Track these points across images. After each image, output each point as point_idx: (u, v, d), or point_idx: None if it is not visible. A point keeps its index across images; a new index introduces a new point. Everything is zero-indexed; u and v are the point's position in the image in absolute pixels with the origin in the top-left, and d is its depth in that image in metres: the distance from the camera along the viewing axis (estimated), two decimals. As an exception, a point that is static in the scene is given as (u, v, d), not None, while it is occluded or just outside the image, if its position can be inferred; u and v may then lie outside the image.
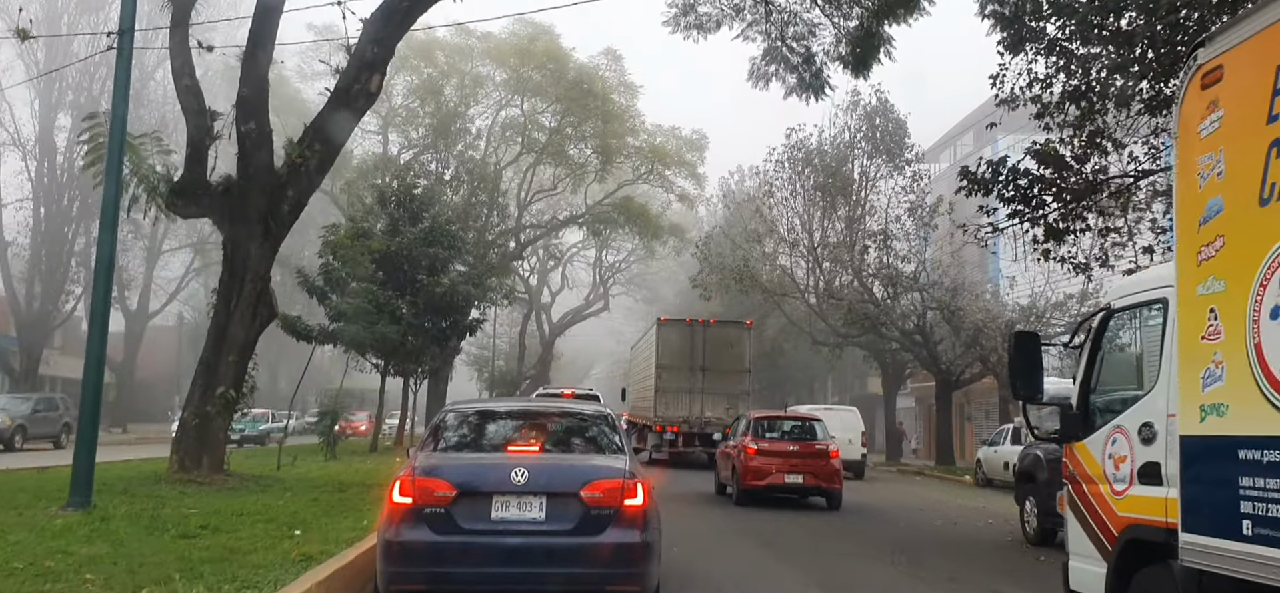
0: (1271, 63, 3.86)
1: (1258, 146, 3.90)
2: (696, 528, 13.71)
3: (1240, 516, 3.92)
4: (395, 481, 6.63)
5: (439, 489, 6.38)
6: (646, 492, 6.64)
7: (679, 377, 26.98)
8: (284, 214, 15.93)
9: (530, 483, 6.43)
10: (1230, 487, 3.97)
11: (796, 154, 31.05)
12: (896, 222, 28.83)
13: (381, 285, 30.42)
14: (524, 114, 42.10)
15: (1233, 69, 4.19)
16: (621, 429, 7.85)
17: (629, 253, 64.56)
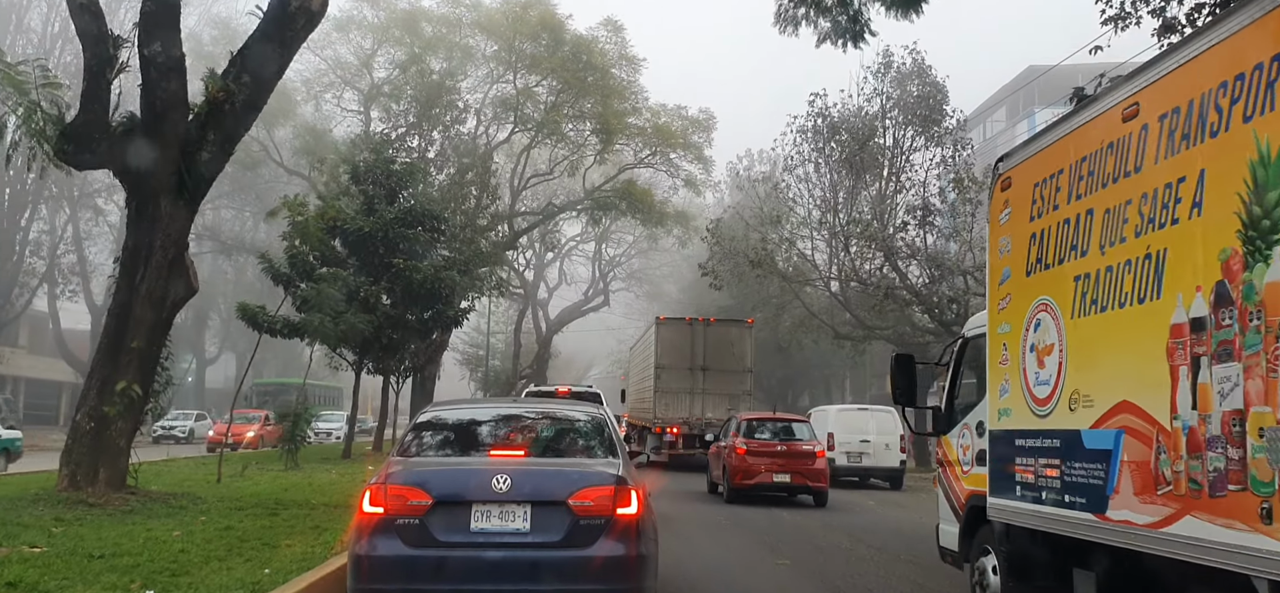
0: (1031, 182, 6.28)
1: (1026, 235, 6.30)
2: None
3: (1016, 483, 6.34)
4: (365, 489, 6.20)
5: (413, 498, 6.00)
6: (641, 499, 6.20)
7: (678, 377, 26.53)
8: (203, 163, 12.63)
9: (514, 491, 6.01)
10: (1011, 464, 6.42)
11: (820, 122, 27.61)
12: (938, 195, 25.38)
13: (356, 271, 27.10)
14: (517, 90, 38.66)
15: (1016, 181, 6.60)
16: (616, 431, 7.34)
17: (630, 245, 61.34)
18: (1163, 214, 4.85)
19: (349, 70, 39.82)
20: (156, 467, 20.36)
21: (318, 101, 41.66)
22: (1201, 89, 4.61)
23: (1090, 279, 5.49)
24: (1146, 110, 5.03)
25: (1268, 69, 4.13)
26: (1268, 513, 4.05)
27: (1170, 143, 4.85)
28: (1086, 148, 5.59)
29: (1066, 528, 5.76)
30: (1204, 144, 4.58)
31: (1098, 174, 5.48)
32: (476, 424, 7.40)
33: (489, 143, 39.88)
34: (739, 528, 13.81)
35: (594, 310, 62.03)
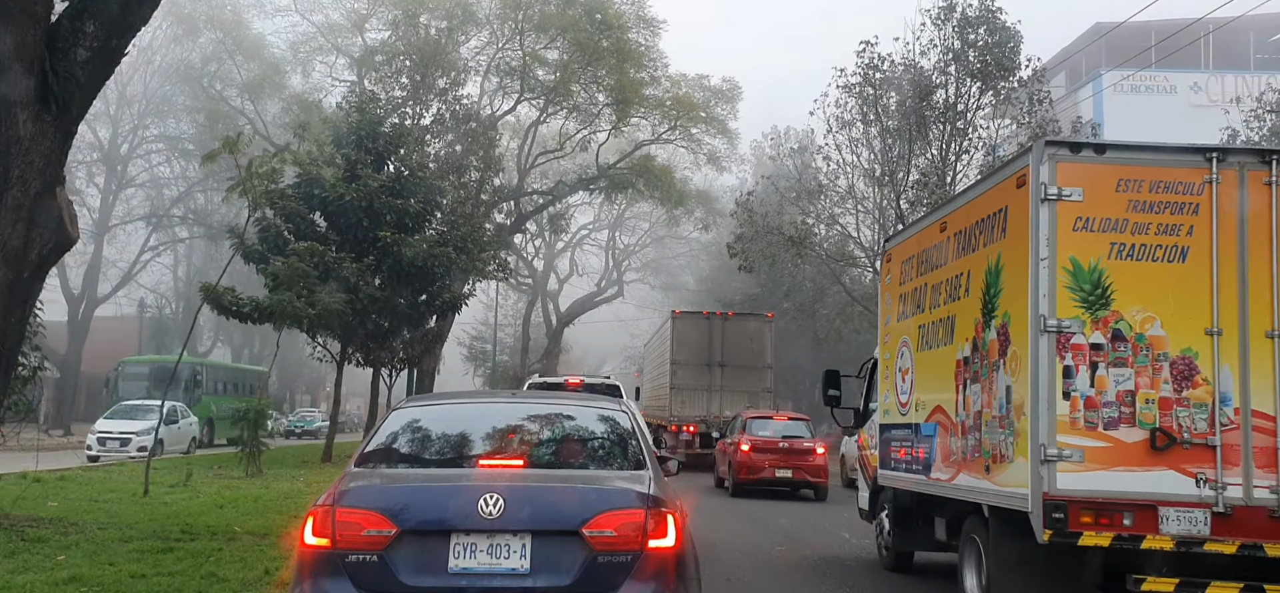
0: (900, 260, 9.27)
1: (897, 295, 9.35)
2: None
3: (893, 459, 9.23)
4: (308, 514, 4.68)
5: (371, 526, 4.53)
6: (681, 527, 4.73)
7: (695, 374, 25.77)
8: (78, 64, 9.12)
9: (508, 516, 4.57)
10: (890, 447, 9.34)
11: (872, 75, 23.85)
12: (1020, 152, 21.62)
13: (336, 247, 23.58)
14: (523, 52, 34.97)
15: (894, 257, 9.58)
16: (644, 433, 5.81)
17: (646, 232, 57.76)
18: (953, 293, 7.93)
19: (339, 33, 36.26)
20: (76, 474, 17.01)
21: (305, 68, 38.14)
22: (973, 220, 7.54)
23: (925, 328, 8.61)
24: (949, 228, 8.09)
25: (996, 217, 7.05)
26: (987, 468, 7.00)
27: (958, 250, 7.85)
28: (925, 244, 8.69)
29: (914, 486, 8.84)
30: (972, 255, 7.52)
31: (929, 262, 8.57)
32: (463, 425, 5.79)
33: (493, 113, 36.22)
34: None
35: (607, 301, 58.47)
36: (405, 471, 5.27)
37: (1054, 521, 6.10)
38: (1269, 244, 6.24)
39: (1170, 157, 6.53)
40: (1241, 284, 6.25)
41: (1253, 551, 6.05)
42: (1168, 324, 6.23)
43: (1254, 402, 6.17)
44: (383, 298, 23.81)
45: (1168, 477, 6.13)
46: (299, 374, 72.04)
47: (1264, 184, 6.32)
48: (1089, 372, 6.20)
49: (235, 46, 38.77)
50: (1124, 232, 6.29)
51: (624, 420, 5.74)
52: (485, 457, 5.33)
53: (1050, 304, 6.24)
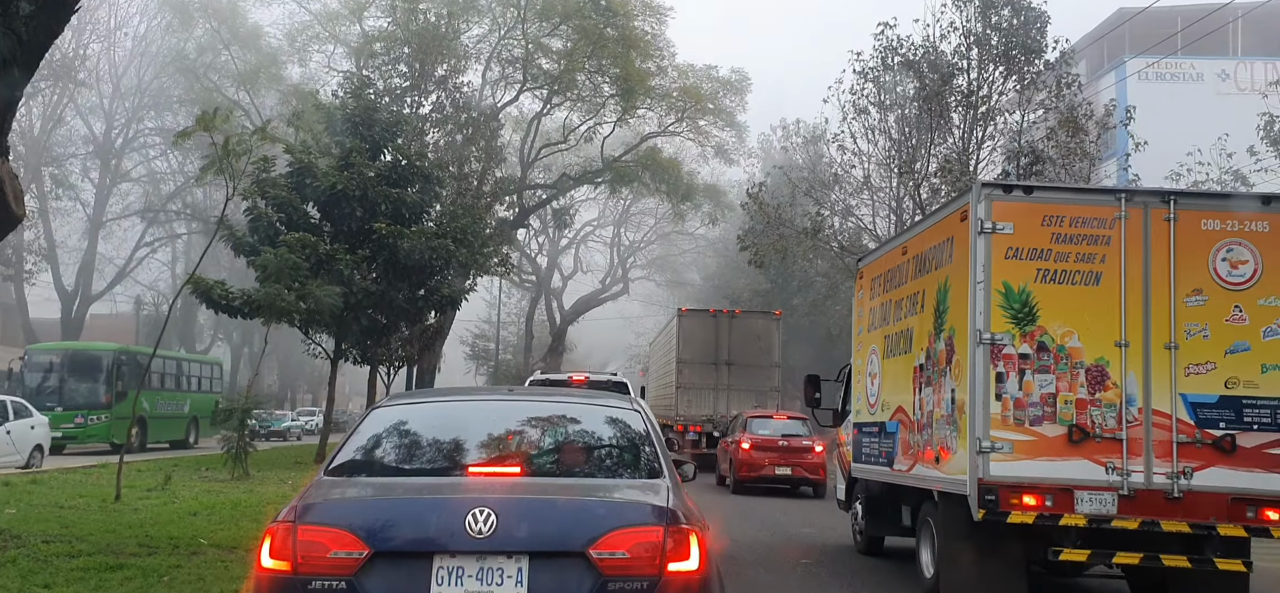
0: (871, 277, 10.39)
1: (867, 308, 10.51)
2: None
3: (864, 454, 10.23)
4: (265, 533, 4.05)
5: (338, 546, 3.90)
6: (705, 548, 4.05)
7: (702, 372, 25.37)
8: (20, 19, 8.07)
9: (501, 534, 3.91)
10: (862, 443, 10.36)
11: (891, 58, 22.75)
12: (1047, 139, 20.42)
13: (330, 238, 22.60)
14: (526, 41, 33.90)
15: (865, 274, 10.75)
16: (659, 437, 5.02)
17: (651, 228, 56.73)
18: (912, 308, 9.01)
19: (337, 22, 35.24)
20: (49, 477, 16.02)
21: (303, 58, 37.13)
22: (927, 246, 8.67)
23: (890, 338, 9.68)
24: (909, 252, 9.21)
25: (945, 245, 8.12)
26: (937, 459, 8.04)
27: (916, 272, 8.95)
28: (890, 265, 9.82)
29: (881, 477, 9.89)
30: (926, 276, 8.61)
31: (893, 281, 9.68)
32: (451, 427, 5.09)
33: (494, 103, 35.15)
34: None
35: (612, 299, 57.43)
36: (382, 480, 4.58)
37: (987, 502, 7.21)
38: (1167, 270, 7.34)
39: (1086, 197, 8.08)
40: (1145, 304, 7.36)
41: (1151, 526, 7.13)
42: (1084, 337, 7.33)
43: (1154, 402, 7.27)
44: (379, 292, 22.81)
45: (1082, 465, 7.22)
46: (300, 372, 71.10)
47: (1164, 220, 7.43)
48: (1018, 377, 7.31)
49: (231, 37, 37.79)
50: (1048, 259, 7.41)
51: (636, 422, 5.01)
52: (476, 464, 4.63)
53: (985, 320, 7.35)
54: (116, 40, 41.78)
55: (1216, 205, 7.73)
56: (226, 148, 11.44)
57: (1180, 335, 7.26)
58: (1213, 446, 7.16)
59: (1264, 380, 7.17)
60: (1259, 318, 7.22)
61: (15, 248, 40.46)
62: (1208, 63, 32.78)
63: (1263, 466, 7.10)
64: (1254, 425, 7.16)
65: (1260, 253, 7.28)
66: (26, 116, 40.44)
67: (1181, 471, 7.14)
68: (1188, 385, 7.23)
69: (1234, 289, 7.29)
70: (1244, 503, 7.06)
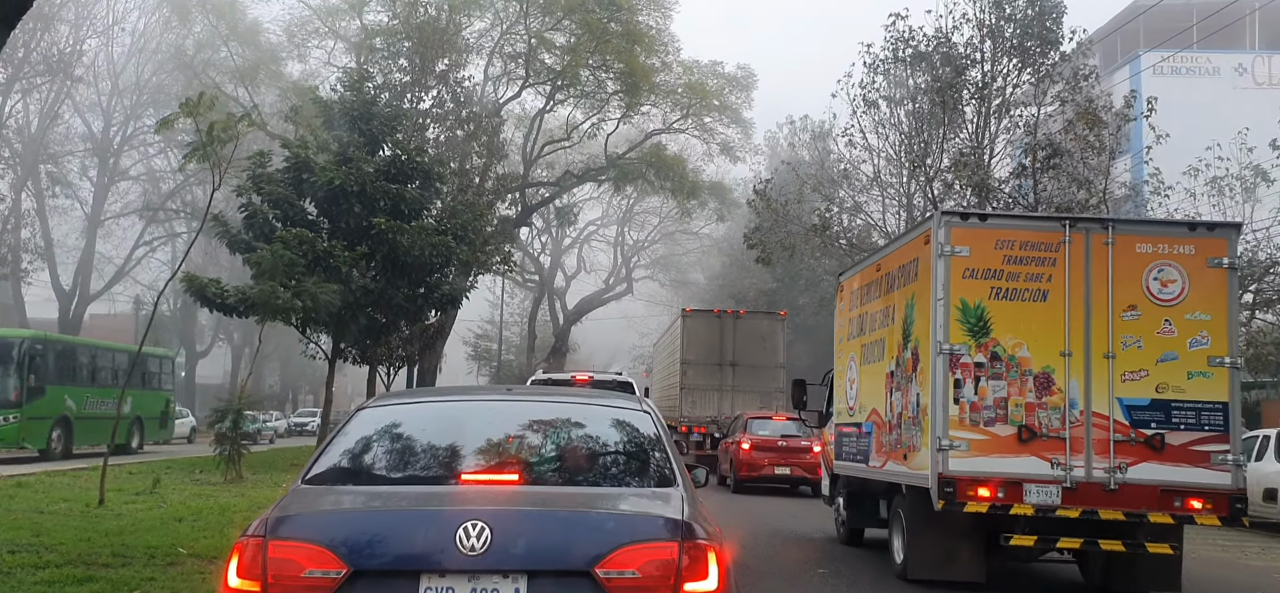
0: (851, 290, 11.28)
1: (847, 319, 11.37)
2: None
3: (845, 452, 11.19)
4: (233, 550, 3.70)
5: (314, 564, 3.51)
6: (724, 567, 3.66)
7: (706, 373, 25.19)
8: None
9: (496, 551, 3.51)
10: (843, 442, 11.34)
11: (903, 50, 22.16)
12: (1065, 131, 19.84)
13: (328, 235, 22.08)
14: (529, 35, 33.34)
15: (845, 287, 11.61)
16: (670, 441, 4.55)
17: (656, 227, 56.22)
18: (884, 320, 9.91)
19: (337, 16, 34.71)
20: (35, 480, 15.51)
21: (302, 53, 36.59)
22: (897, 265, 9.59)
23: (866, 347, 10.60)
24: (882, 269, 10.17)
25: (912, 265, 9.06)
26: (905, 456, 8.97)
27: (887, 288, 9.90)
28: (867, 280, 10.75)
29: (859, 473, 10.75)
30: (896, 291, 9.53)
31: (869, 295, 10.59)
32: (442, 430, 4.61)
33: (496, 100, 34.60)
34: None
35: (615, 299, 56.95)
36: (366, 490, 4.20)
37: (946, 493, 8.12)
38: (1106, 288, 8.28)
39: (1035, 223, 9.46)
40: (1086, 318, 8.29)
41: (1091, 515, 8.08)
42: (1032, 348, 8.27)
43: (1094, 405, 8.18)
44: (377, 290, 22.28)
45: (1030, 462, 8.16)
46: (302, 373, 70.62)
47: (1103, 244, 8.38)
48: (973, 383, 8.24)
49: (230, 33, 37.25)
50: (1000, 279, 8.37)
51: (645, 424, 4.62)
52: (469, 472, 4.22)
53: (945, 333, 8.29)
54: (114, 36, 41.34)
55: (1148, 231, 8.89)
56: (210, 133, 10.90)
57: (1117, 346, 8.24)
58: (1145, 444, 8.16)
59: (1190, 386, 8.16)
60: (1186, 331, 8.21)
61: (11, 247, 40.02)
62: (1224, 57, 32.16)
63: (1188, 461, 8.12)
64: (1181, 426, 8.16)
65: (1187, 273, 8.25)
66: (23, 113, 40.02)
67: (1117, 466, 8.13)
68: (1124, 390, 8.21)
69: (1164, 305, 8.27)
70: (1172, 494, 8.07)
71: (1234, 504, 8.11)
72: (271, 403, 64.04)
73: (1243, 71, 32.27)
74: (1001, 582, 9.31)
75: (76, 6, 39.25)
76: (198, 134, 11.21)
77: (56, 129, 41.08)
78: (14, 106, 39.28)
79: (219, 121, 10.98)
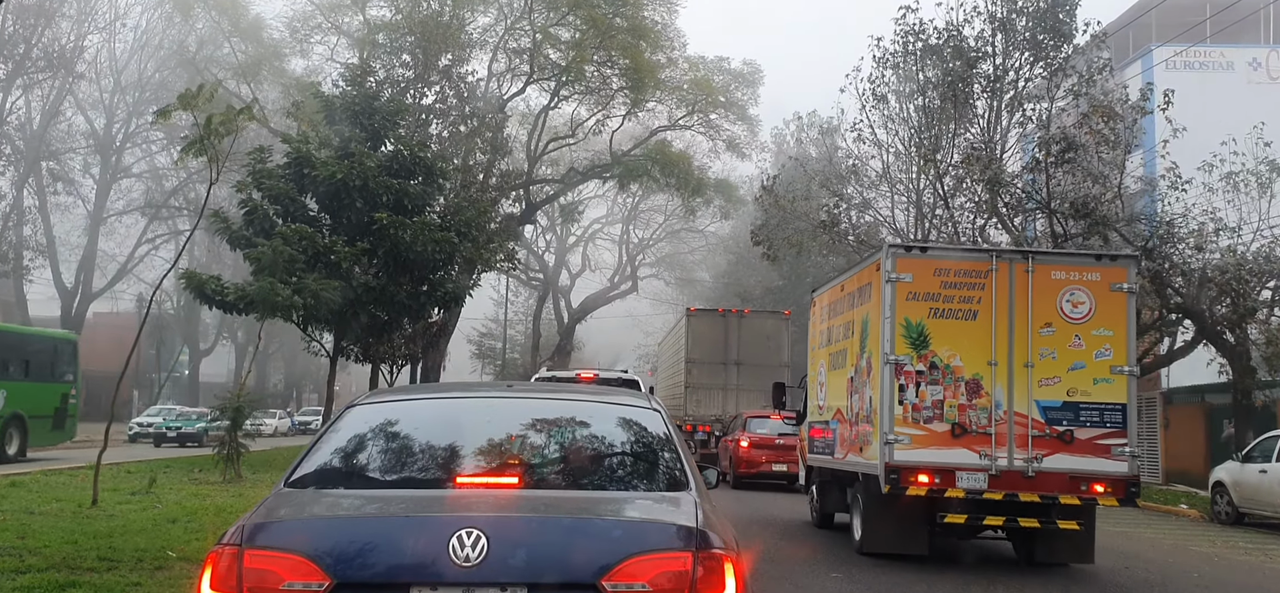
0: (822, 305, 12.78)
1: (819, 330, 12.90)
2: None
3: (816, 446, 12.89)
4: (207, 560, 3.38)
5: (294, 576, 3.22)
6: (740, 579, 3.39)
7: (710, 372, 25.35)
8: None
9: (493, 562, 3.22)
10: (813, 438, 13.07)
11: (913, 43, 21.78)
12: (1080, 125, 19.44)
13: (329, 231, 21.80)
14: (533, 31, 33.00)
15: (816, 302, 13.11)
16: (681, 442, 4.27)
17: (661, 226, 55.87)
18: (846, 333, 11.35)
19: (340, 11, 34.39)
20: (30, 479, 15.23)
21: (305, 49, 36.28)
22: (856, 287, 11.05)
23: (833, 355, 12.04)
24: (848, 289, 11.51)
25: (867, 287, 10.50)
26: (861, 449, 10.33)
27: (849, 306, 11.31)
28: (834, 297, 12.16)
29: (827, 464, 12.24)
30: (856, 309, 10.93)
31: (836, 310, 11.99)
32: (437, 429, 4.28)
33: (500, 96, 34.27)
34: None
35: (620, 297, 56.61)
36: (352, 494, 3.90)
37: (892, 479, 9.57)
38: (1026, 309, 9.79)
39: (967, 254, 11.08)
40: (1009, 333, 9.78)
41: (1012, 497, 9.58)
42: (964, 358, 9.74)
43: (1016, 406, 9.66)
44: (380, 288, 21.97)
45: (962, 453, 9.62)
46: (306, 371, 70.39)
47: (1024, 272, 9.91)
48: (915, 388, 9.68)
49: (232, 29, 36.97)
50: (938, 301, 9.82)
51: (654, 423, 4.33)
52: (465, 474, 3.93)
53: (891, 345, 9.73)
54: (116, 32, 41.12)
55: (1062, 261, 10.54)
56: (208, 125, 10.60)
57: (1035, 357, 9.72)
58: (1057, 438, 9.63)
59: (1095, 390, 9.67)
60: (1092, 344, 9.73)
61: (13, 244, 39.80)
62: (1238, 51, 31.71)
63: (1092, 453, 9.61)
64: (1087, 423, 9.64)
65: (1094, 296, 9.78)
66: (25, 109, 39.80)
67: (1034, 456, 9.60)
68: (1040, 394, 9.67)
69: (1074, 323, 9.77)
70: (1079, 480, 9.54)
71: (1129, 489, 9.63)
72: (275, 401, 63.85)
73: (1257, 66, 31.83)
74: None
75: (79, 2, 39.04)
76: (195, 127, 10.90)
77: (58, 125, 40.85)
78: (15, 103, 39.08)
79: (217, 115, 10.66)
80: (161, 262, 52.94)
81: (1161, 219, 19.92)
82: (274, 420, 50.24)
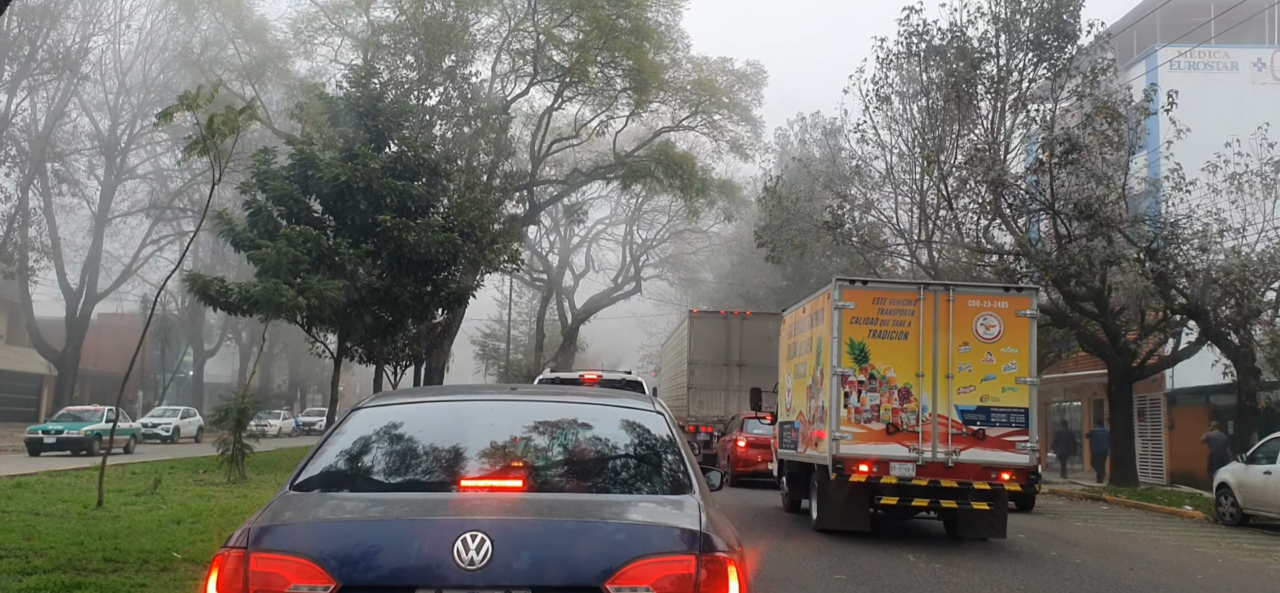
0: (789, 323, 15.34)
1: (786, 345, 15.45)
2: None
3: (785, 441, 15.20)
4: (213, 563, 3.39)
5: (299, 579, 3.25)
6: (744, 582, 3.43)
7: (713, 373, 25.68)
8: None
9: (497, 565, 3.25)
10: (784, 435, 15.27)
11: (916, 44, 21.76)
12: (1083, 126, 19.40)
13: (333, 232, 21.84)
14: (537, 32, 33.02)
15: (785, 320, 15.68)
16: (684, 444, 4.24)
17: (665, 226, 55.82)
18: (806, 349, 13.54)
19: (344, 13, 34.43)
20: (36, 481, 15.26)
21: (309, 49, 36.30)
22: (814, 311, 13.32)
23: (796, 366, 14.21)
24: (807, 312, 13.76)
25: (821, 312, 12.85)
26: (816, 444, 12.69)
27: (809, 325, 13.53)
28: (798, 318, 14.41)
29: (792, 457, 14.33)
30: (813, 329, 13.27)
31: (798, 330, 14.28)
32: (441, 432, 4.29)
33: (504, 97, 34.28)
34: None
35: (624, 297, 56.52)
36: (357, 497, 3.91)
37: (838, 468, 11.79)
38: (948, 330, 11.88)
39: (900, 286, 13.31)
40: (934, 350, 11.88)
41: (935, 483, 11.70)
42: (897, 371, 11.88)
43: (939, 409, 11.79)
44: (384, 288, 22.01)
45: (895, 447, 11.76)
46: (310, 372, 70.44)
47: (946, 301, 12.01)
48: (857, 394, 11.85)
49: (236, 30, 37.01)
50: (876, 324, 11.98)
51: (658, 425, 4.35)
52: (469, 477, 3.94)
53: (838, 360, 11.93)
54: (121, 34, 41.16)
55: (977, 291, 12.82)
56: (211, 126, 10.63)
57: (955, 370, 11.84)
58: (972, 435, 11.75)
59: (1002, 397, 11.84)
60: (1001, 360, 11.89)
61: (18, 245, 39.88)
62: (1243, 51, 31.57)
63: (1001, 447, 11.76)
64: (996, 423, 11.79)
65: (1003, 320, 11.97)
66: (30, 111, 39.87)
67: (953, 450, 11.70)
68: (959, 399, 11.80)
69: (987, 342, 11.91)
70: (989, 469, 11.70)
71: (1030, 477, 11.94)
72: (279, 402, 63.91)
73: (1262, 66, 31.70)
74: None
75: (83, 4, 39.11)
76: (199, 128, 10.92)
77: (63, 127, 40.88)
78: (20, 104, 39.14)
79: (219, 115, 10.68)
80: (166, 263, 53.03)
81: (1166, 220, 19.88)
82: (278, 421, 50.44)
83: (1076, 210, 19.09)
